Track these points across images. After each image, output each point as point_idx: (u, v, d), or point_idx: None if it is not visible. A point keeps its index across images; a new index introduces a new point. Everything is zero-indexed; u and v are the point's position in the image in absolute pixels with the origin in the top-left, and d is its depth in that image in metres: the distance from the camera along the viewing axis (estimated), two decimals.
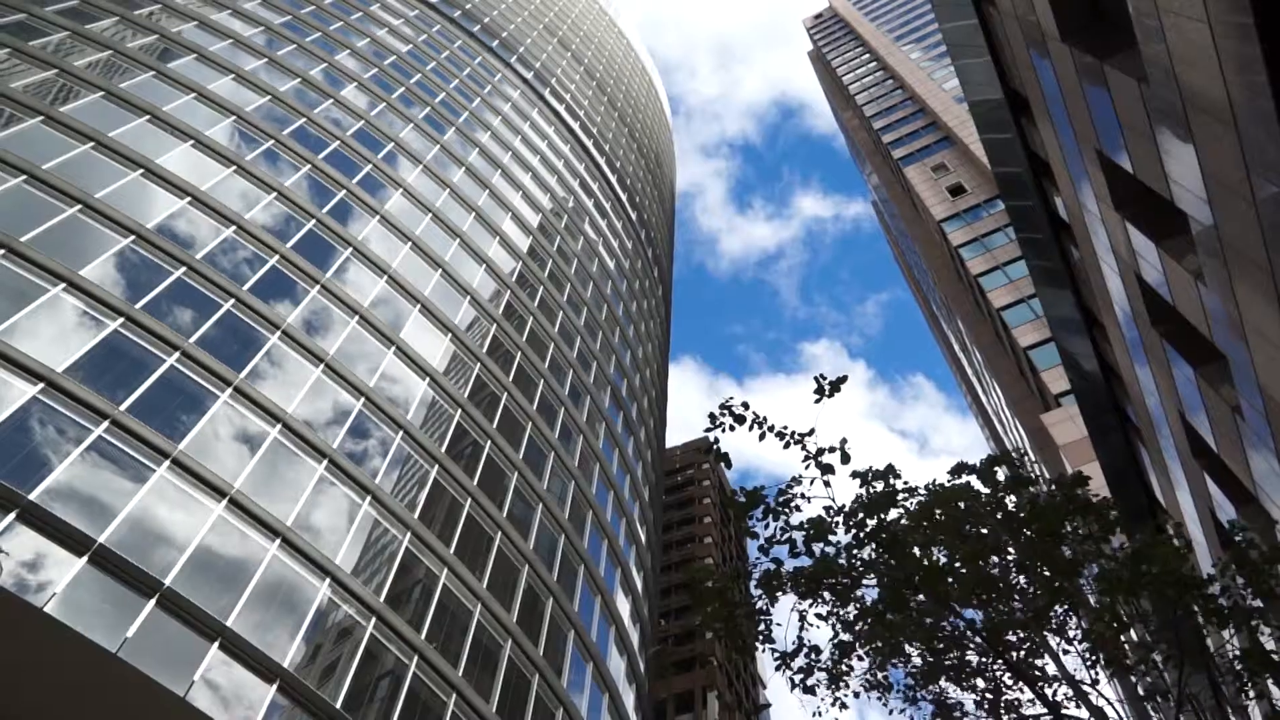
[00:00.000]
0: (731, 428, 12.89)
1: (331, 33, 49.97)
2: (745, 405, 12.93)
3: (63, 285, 24.68)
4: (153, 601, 19.78)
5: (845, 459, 12.90)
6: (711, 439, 12.95)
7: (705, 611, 13.60)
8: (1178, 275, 13.80)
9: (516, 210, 50.13)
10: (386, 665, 24.23)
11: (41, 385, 21.85)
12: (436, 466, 30.98)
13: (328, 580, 23.97)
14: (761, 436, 13.11)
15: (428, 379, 33.73)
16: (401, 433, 30.57)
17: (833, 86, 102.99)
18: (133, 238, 27.90)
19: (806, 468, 13.25)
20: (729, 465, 12.90)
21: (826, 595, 13.19)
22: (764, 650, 13.94)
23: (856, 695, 13.39)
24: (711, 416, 12.84)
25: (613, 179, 71.28)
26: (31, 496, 19.47)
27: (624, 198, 71.72)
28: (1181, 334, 15.58)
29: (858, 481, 13.41)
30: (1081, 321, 22.78)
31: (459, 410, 34.16)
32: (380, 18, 56.70)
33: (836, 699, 13.30)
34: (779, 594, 13.33)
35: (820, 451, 13.14)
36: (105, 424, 22.19)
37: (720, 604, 13.36)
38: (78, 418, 21.92)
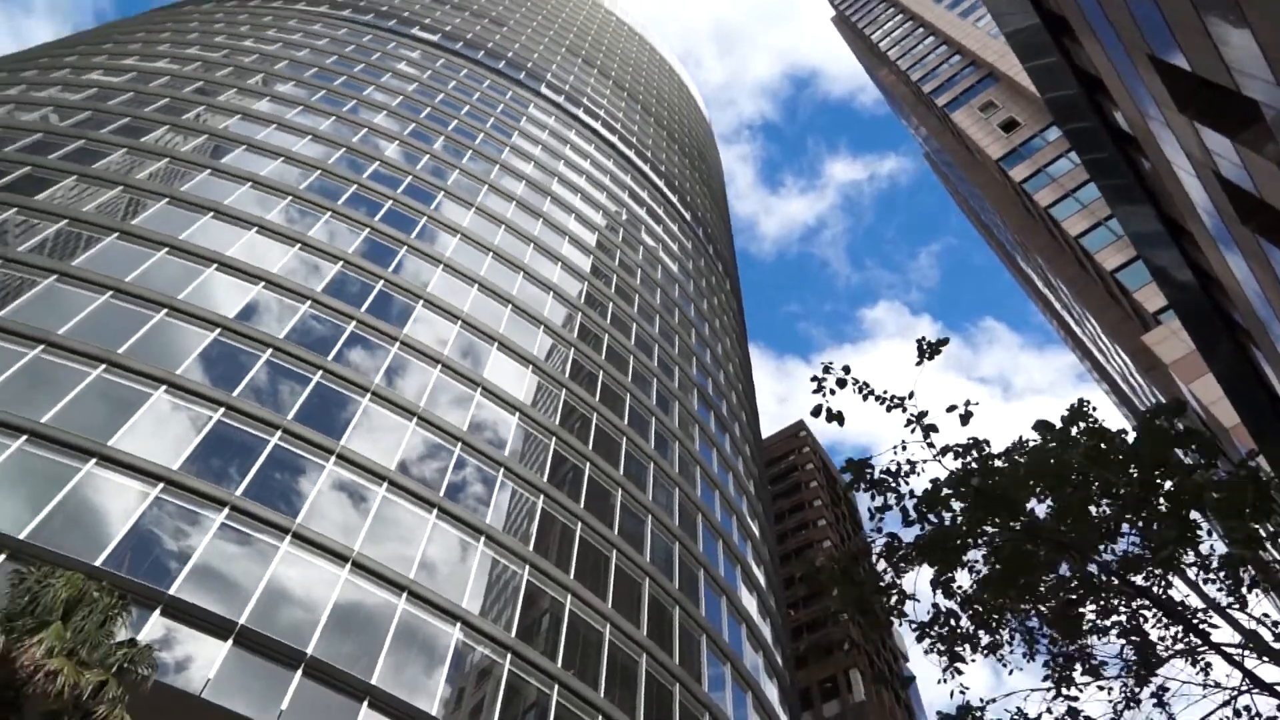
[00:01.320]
0: (833, 391, 12.82)
1: (364, 98, 51.29)
2: (846, 369, 12.86)
3: (163, 387, 25.82)
4: (299, 672, 20.49)
5: (966, 419, 12.64)
6: (819, 404, 12.82)
7: (833, 595, 13.45)
8: (1259, 166, 13.16)
9: (572, 233, 50.57)
10: (529, 698, 24.60)
11: (161, 485, 22.88)
12: (542, 496, 31.38)
13: (458, 624, 24.47)
14: (865, 399, 12.98)
15: (517, 413, 34.21)
16: (502, 469, 31.06)
17: (862, 48, 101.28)
18: (218, 330, 29.05)
19: (912, 431, 13.03)
20: (841, 422, 12.76)
21: (948, 561, 12.90)
22: (900, 623, 13.69)
23: (1000, 659, 13.06)
24: (815, 379, 12.83)
25: (660, 183, 71.37)
26: (171, 591, 20.39)
27: (674, 199, 71.72)
28: (1274, 225, 14.84)
29: (951, 455, 13.07)
30: (1166, 233, 21.88)
31: (553, 438, 34.55)
32: (407, 74, 57.97)
33: (972, 660, 13.00)
34: (903, 566, 13.11)
35: (922, 415, 12.93)
36: (225, 511, 23.11)
37: (847, 584, 13.19)
38: (200, 509, 22.88)
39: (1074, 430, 12.90)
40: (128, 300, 28.61)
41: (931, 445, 13.06)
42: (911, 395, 12.99)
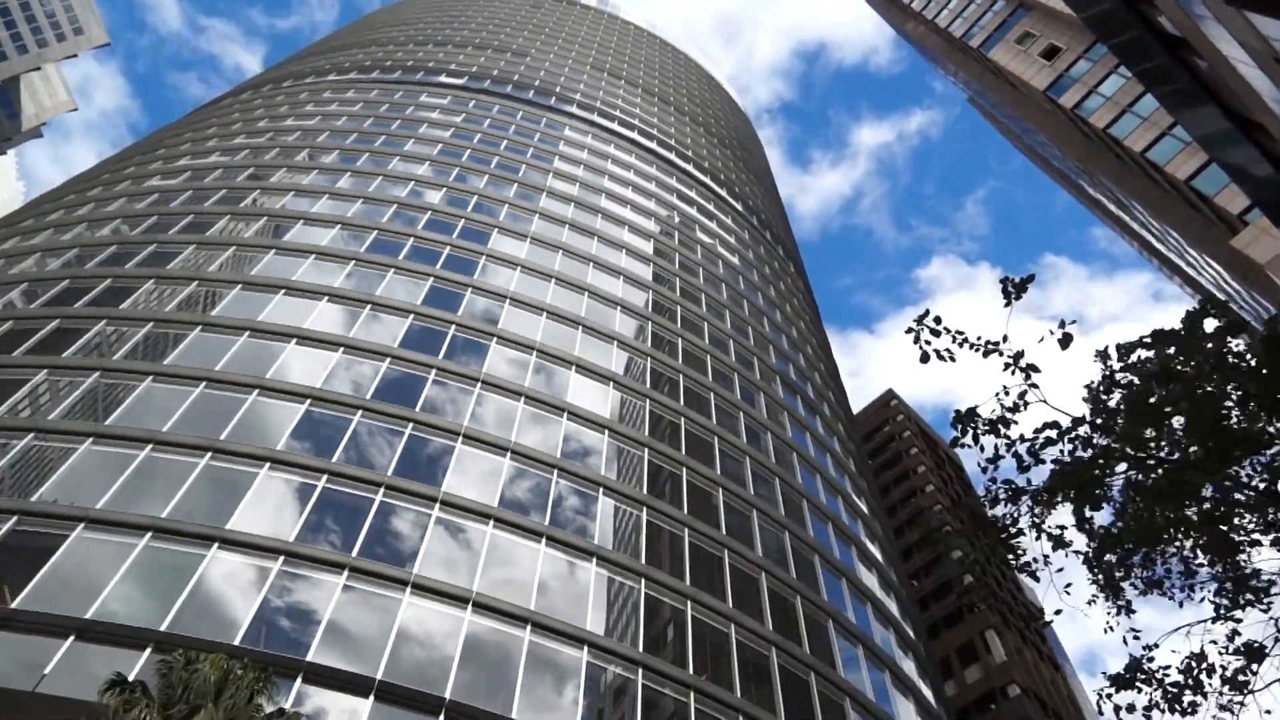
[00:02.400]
0: (928, 342, 12.68)
1: (406, 152, 52.40)
2: (938, 320, 12.71)
3: (267, 465, 26.74)
4: (441, 718, 20.93)
5: (1066, 342, 12.27)
6: (924, 352, 12.65)
7: (958, 554, 13.19)
8: None
9: (629, 245, 50.78)
10: (667, 709, 24.67)
11: (282, 558, 23.67)
12: (645, 508, 31.49)
13: (585, 647, 24.69)
14: (961, 346, 12.78)
15: (606, 431, 34.43)
16: (601, 488, 31.28)
17: (884, 4, 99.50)
18: (308, 401, 29.97)
19: (1012, 374, 12.73)
20: (953, 359, 12.62)
21: (1082, 497, 12.51)
22: (1031, 572, 13.32)
23: (1165, 592, 12.61)
24: (910, 330, 12.74)
25: (706, 180, 71.17)
26: (309, 658, 21.07)
27: (723, 193, 71.44)
28: None
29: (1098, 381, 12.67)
30: (1235, 130, 20.94)
31: (645, 449, 34.67)
32: (442, 121, 59.03)
33: (1123, 603, 12.59)
34: (1035, 510, 12.78)
35: (1019, 355, 12.65)
36: (345, 573, 23.79)
37: (974, 538, 12.93)
38: (321, 575, 23.60)
39: (1194, 340, 12.40)
40: (220, 388, 29.74)
41: (1035, 385, 12.75)
42: (1006, 339, 12.70)
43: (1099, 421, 12.46)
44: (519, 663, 23.23)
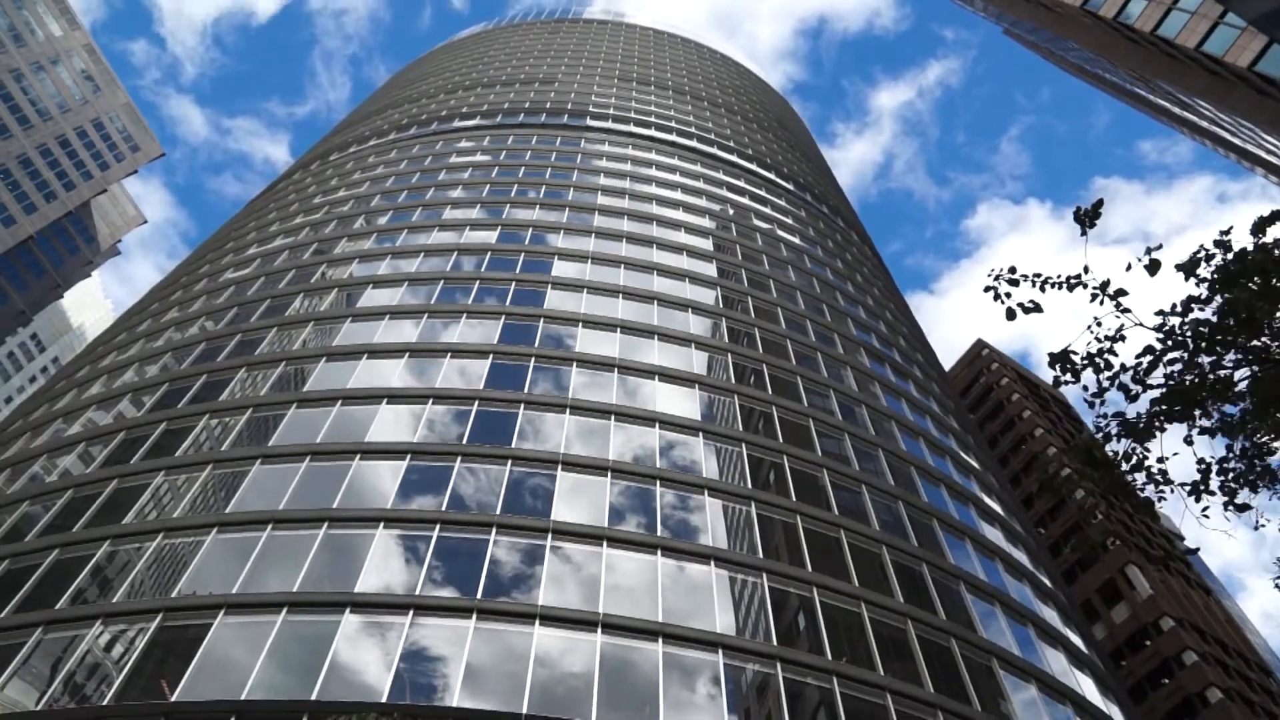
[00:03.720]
0: (1008, 294, 12.39)
1: (455, 199, 53.41)
2: (1013, 269, 12.44)
3: (381, 524, 27.49)
4: None
5: (1154, 268, 11.86)
6: (1009, 307, 12.37)
7: (1081, 492, 12.84)
8: None
9: (688, 246, 50.75)
10: (812, 699, 24.46)
11: (411, 612, 24.28)
12: (753, 503, 31.36)
13: (719, 651, 24.68)
14: (1042, 289, 12.46)
15: (700, 433, 34.42)
16: (706, 491, 31.27)
17: None
18: (408, 456, 30.72)
19: (1101, 304, 12.34)
20: (1040, 310, 12.32)
21: (1187, 409, 12.04)
22: (1163, 499, 12.84)
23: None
24: (988, 288, 12.49)
25: (753, 166, 70.74)
26: (454, 704, 21.54)
27: (772, 176, 70.90)
28: None
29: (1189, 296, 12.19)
30: None
31: (742, 444, 34.54)
32: (485, 162, 60.02)
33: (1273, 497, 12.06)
34: (1153, 428, 12.33)
35: (1105, 284, 12.26)
36: (474, 617, 24.27)
37: (1094, 472, 12.53)
38: (451, 621, 24.12)
39: None
40: (324, 458, 30.71)
41: (1127, 310, 12.33)
42: (1086, 269, 12.33)
43: (1206, 325, 11.95)
44: (657, 676, 23.35)
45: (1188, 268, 12.00)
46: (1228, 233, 12.02)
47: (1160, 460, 12.23)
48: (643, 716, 22.17)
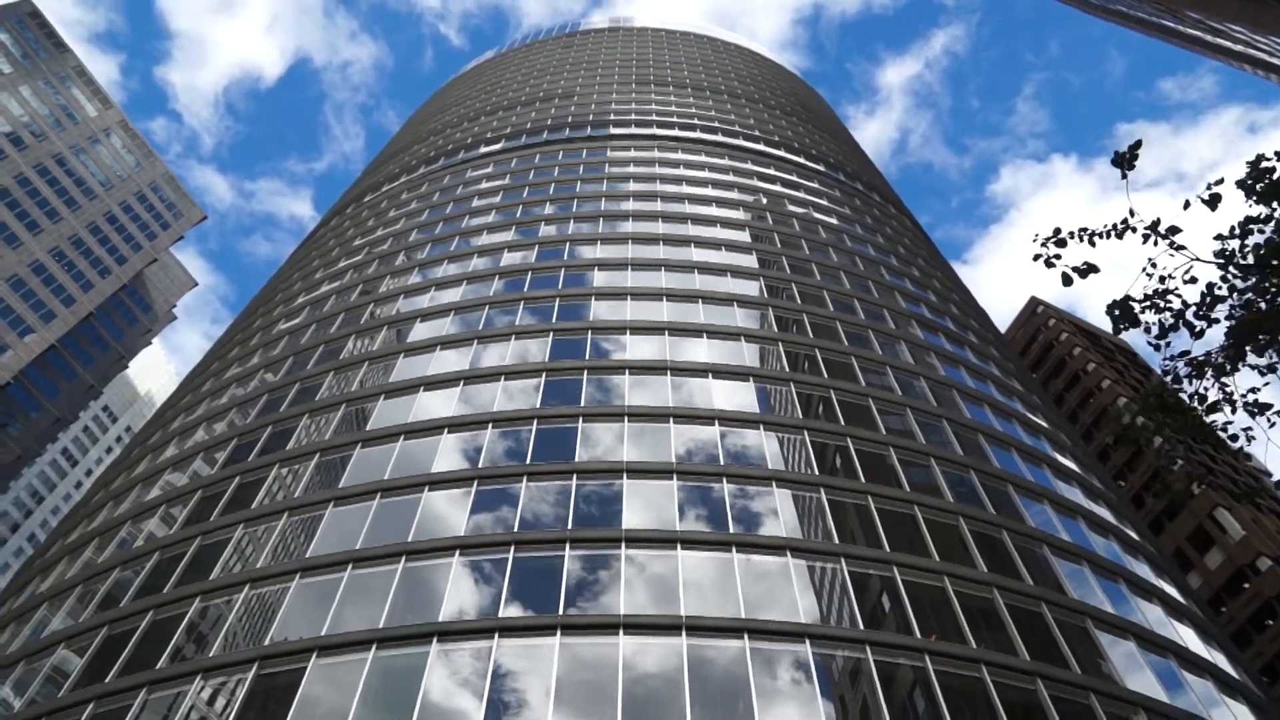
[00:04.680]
0: (1057, 257, 12.17)
1: (490, 223, 53.97)
2: (1056, 230, 12.24)
3: (457, 552, 27.84)
4: None
5: (1214, 202, 11.55)
6: (1062, 272, 12.16)
7: (1158, 439, 12.51)
8: None
9: (725, 240, 50.63)
10: (906, 679, 24.18)
11: (497, 635, 24.54)
12: (821, 489, 31.13)
13: (806, 641, 24.53)
14: (1092, 242, 12.25)
15: (760, 425, 34.29)
16: (773, 482, 31.13)
17: None
18: (475, 482, 31.08)
19: (1155, 245, 12.06)
20: (1096, 271, 12.09)
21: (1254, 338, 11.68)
22: (1252, 439, 12.47)
23: None
24: (1036, 256, 12.31)
25: (781, 152, 70.34)
26: None
27: (802, 160, 70.42)
28: None
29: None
30: None
31: (803, 431, 34.32)
32: (514, 183, 60.54)
33: None
34: (1226, 366, 11.99)
35: (1156, 223, 11.98)
36: (559, 634, 24.44)
37: (1170, 416, 12.22)
38: (537, 641, 24.30)
39: None
40: (394, 494, 31.21)
41: (1182, 247, 12.02)
42: (1133, 212, 12.06)
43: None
44: (747, 672, 23.28)
45: (1251, 179, 11.60)
46: None
47: (1252, 390, 11.89)
48: (737, 714, 22.12)
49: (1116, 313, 12.34)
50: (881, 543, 28.96)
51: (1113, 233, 12.17)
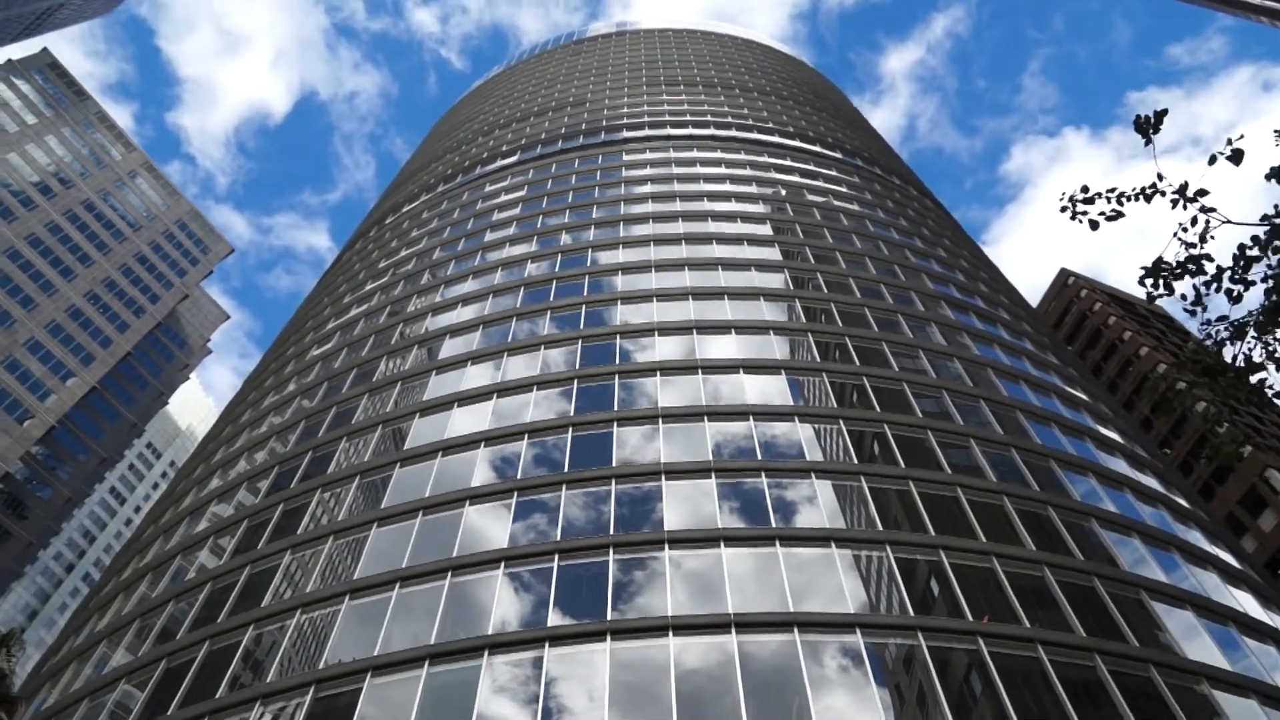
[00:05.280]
0: (1083, 213, 12.06)
1: (512, 235, 54.22)
2: (1085, 188, 12.13)
3: (502, 564, 27.98)
4: None
5: (1238, 158, 11.37)
6: (1083, 222, 12.05)
7: (1201, 402, 12.36)
8: None
9: (746, 235, 50.49)
10: (961, 663, 23.96)
11: (547, 643, 24.62)
12: (861, 477, 30.95)
13: (857, 631, 24.38)
14: (1119, 204, 12.13)
15: (795, 417, 34.15)
16: (812, 474, 30.99)
17: None
18: (514, 494, 31.23)
19: (1184, 208, 11.89)
20: (1122, 213, 11.98)
21: None
22: None
23: None
24: (1063, 209, 12.23)
25: (797, 143, 70.05)
26: None
27: (818, 149, 70.07)
28: None
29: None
30: None
31: (839, 420, 34.13)
32: (533, 194, 60.78)
33: None
34: (1254, 338, 11.79)
35: (1184, 186, 11.81)
36: (609, 639, 24.48)
37: (1213, 379, 12.04)
38: (588, 647, 24.35)
39: None
40: (435, 510, 31.44)
41: (1212, 210, 11.83)
42: (1161, 176, 11.89)
43: None
44: (799, 665, 23.18)
45: None
46: None
47: None
48: (793, 708, 22.03)
49: (1149, 280, 12.17)
50: (926, 527, 28.72)
51: (1141, 196, 12.02)
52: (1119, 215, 11.96)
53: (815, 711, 21.75)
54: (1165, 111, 11.78)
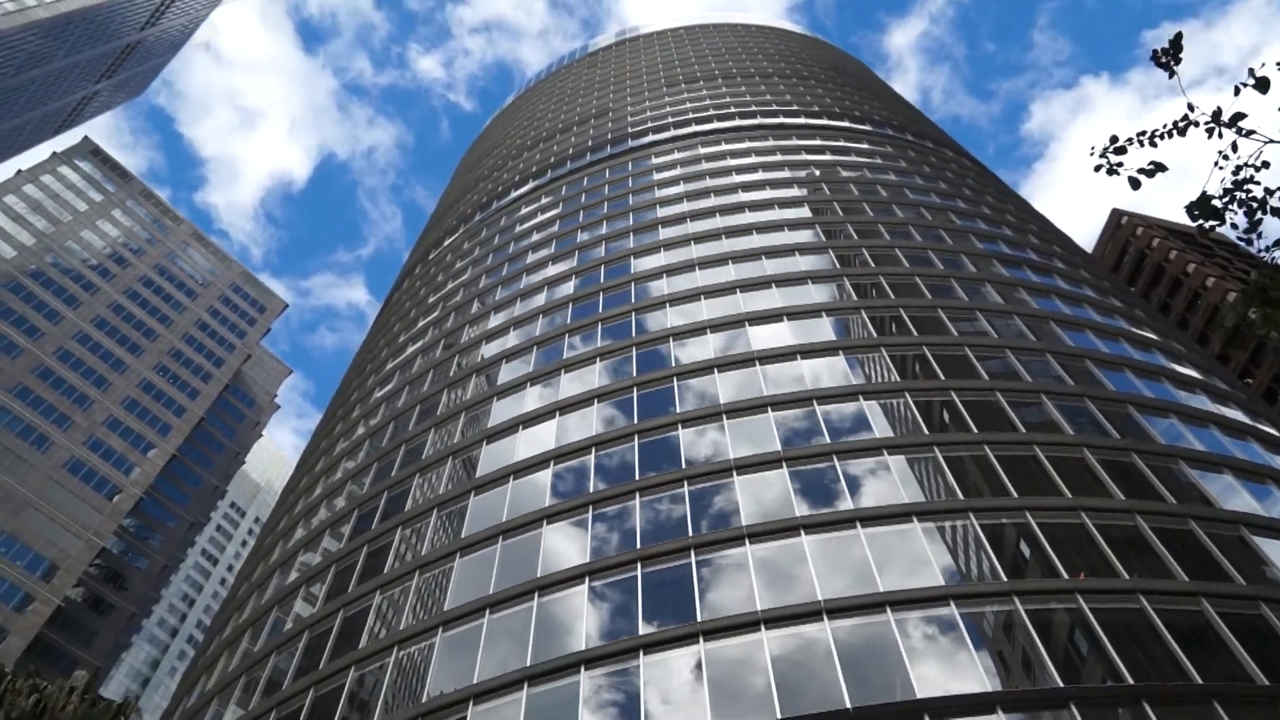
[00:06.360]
0: (1120, 165, 11.76)
1: (554, 253, 54.62)
2: (1114, 138, 11.85)
3: (586, 578, 28.14)
4: None
5: (1264, 85, 11.03)
6: (1121, 175, 11.77)
7: (1268, 330, 11.96)
8: None
9: (785, 221, 50.17)
10: (1063, 622, 23.47)
11: (641, 651, 24.68)
12: (934, 447, 30.51)
13: (950, 603, 24.02)
14: (1153, 144, 11.83)
15: (859, 396, 33.81)
16: (885, 450, 30.64)
17: None
18: (589, 507, 31.41)
19: (1220, 136, 11.55)
20: (1163, 169, 11.66)
21: None
22: None
23: None
24: (1097, 168, 11.94)
25: (824, 120, 69.44)
26: None
27: (846, 124, 69.38)
28: None
29: None
30: None
31: (904, 393, 33.70)
32: (569, 210, 61.19)
33: None
34: None
35: (1218, 112, 11.46)
36: (699, 641, 24.47)
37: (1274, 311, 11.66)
38: (680, 650, 24.36)
39: None
40: (515, 534, 31.76)
41: (1252, 132, 11.46)
42: (1192, 107, 11.56)
43: None
44: (897, 645, 22.92)
45: None
46: None
47: None
48: (896, 690, 21.78)
49: (1197, 211, 11.86)
50: (1008, 490, 28.20)
51: (1174, 131, 11.71)
52: (1159, 169, 11.64)
53: (918, 687, 21.48)
54: (1180, 35, 11.44)
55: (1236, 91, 10.94)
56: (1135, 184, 11.89)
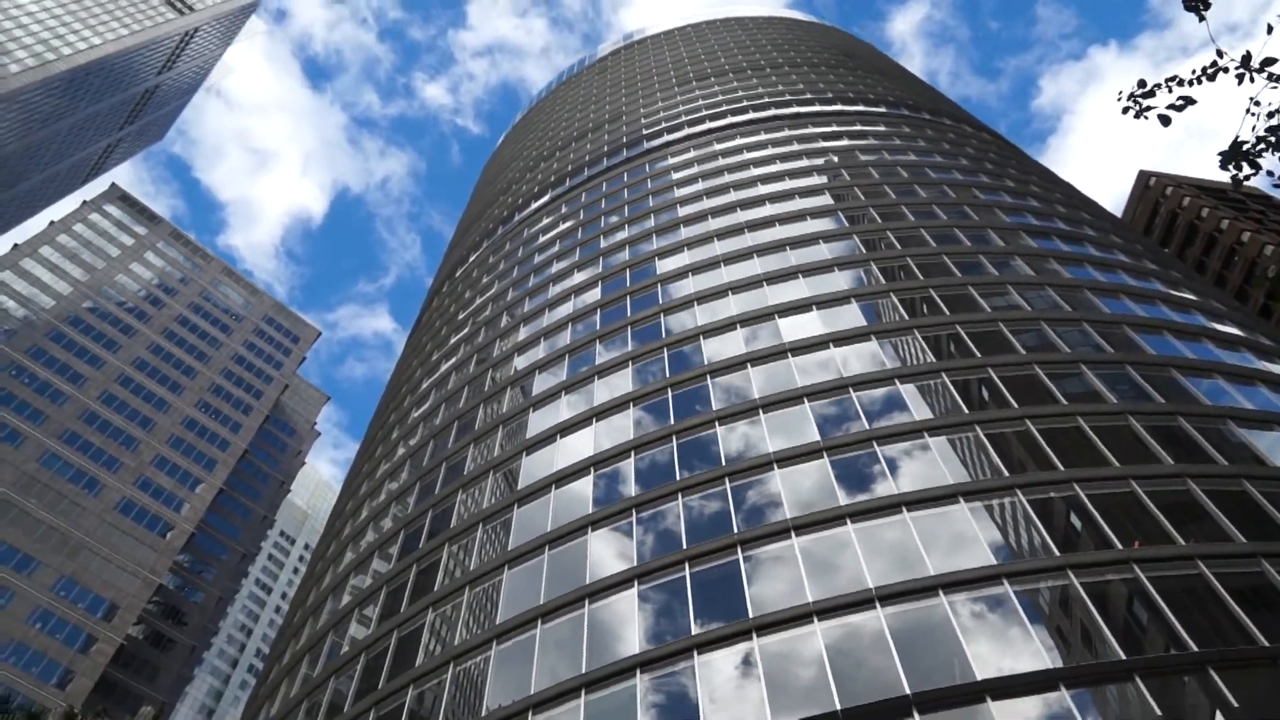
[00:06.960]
0: (1150, 108, 11.56)
1: (579, 261, 54.80)
2: (1142, 83, 11.65)
3: (635, 582, 28.17)
4: (915, 715, 20.75)
5: None
6: (1150, 118, 11.57)
7: None
8: None
9: (807, 210, 49.95)
10: (1120, 593, 23.13)
11: (694, 654, 24.68)
12: (975, 426, 30.21)
13: (1004, 581, 23.77)
14: (1185, 86, 11.63)
15: (895, 379, 33.56)
16: (925, 432, 30.37)
17: None
18: (633, 510, 31.44)
19: (1252, 81, 11.35)
20: (1192, 102, 11.45)
21: None
22: None
23: None
24: (1125, 110, 11.75)
25: (839, 106, 69.05)
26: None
27: (861, 108, 68.92)
28: None
29: None
30: None
31: (940, 373, 33.40)
32: (590, 216, 61.36)
33: None
34: None
35: (1247, 56, 11.26)
36: (754, 636, 24.39)
37: None
38: (733, 648, 24.31)
39: None
40: (561, 543, 31.86)
41: None
42: (1221, 53, 11.35)
43: None
44: (953, 627, 22.71)
45: None
46: None
47: None
48: (954, 672, 21.58)
49: (1230, 163, 11.65)
50: (1053, 463, 27.85)
51: (1203, 77, 11.51)
52: (1188, 103, 11.45)
53: (976, 668, 21.27)
54: None
55: (1269, 30, 10.71)
56: (1165, 120, 11.68)
